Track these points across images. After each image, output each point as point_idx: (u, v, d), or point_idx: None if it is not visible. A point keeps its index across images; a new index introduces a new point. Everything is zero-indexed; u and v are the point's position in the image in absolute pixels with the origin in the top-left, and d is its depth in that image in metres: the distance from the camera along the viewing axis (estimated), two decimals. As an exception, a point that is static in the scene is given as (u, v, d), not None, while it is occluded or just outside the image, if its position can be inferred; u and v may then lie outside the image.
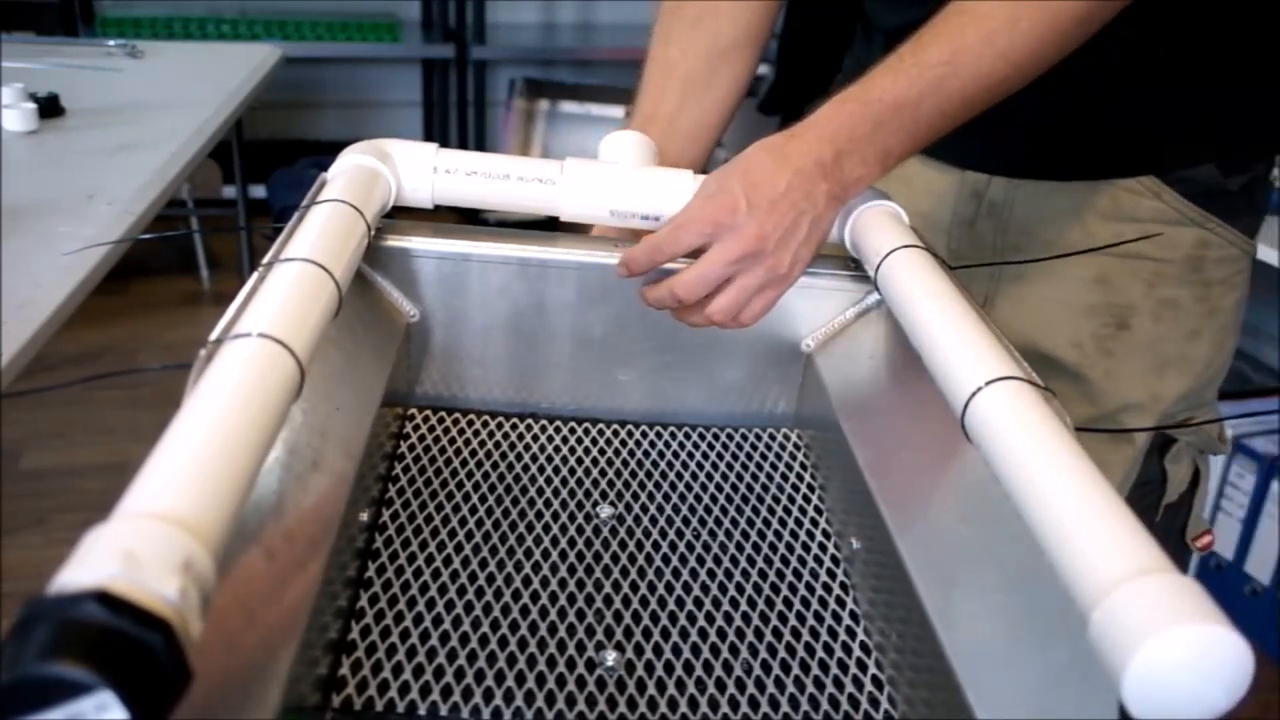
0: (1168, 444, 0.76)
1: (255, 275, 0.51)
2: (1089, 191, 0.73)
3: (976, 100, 0.60)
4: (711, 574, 0.58)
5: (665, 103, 0.79)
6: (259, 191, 2.38)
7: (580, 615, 0.54)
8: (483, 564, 0.57)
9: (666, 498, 0.65)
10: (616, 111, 2.84)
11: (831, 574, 0.59)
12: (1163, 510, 0.76)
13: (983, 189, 0.76)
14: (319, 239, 0.54)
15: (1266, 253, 1.44)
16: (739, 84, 0.83)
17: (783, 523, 0.63)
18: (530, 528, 0.60)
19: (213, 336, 0.45)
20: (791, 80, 1.01)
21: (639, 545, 0.60)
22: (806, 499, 0.66)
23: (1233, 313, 0.75)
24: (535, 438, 0.70)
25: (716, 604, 0.56)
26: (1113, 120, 0.71)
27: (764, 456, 0.70)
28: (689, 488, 0.66)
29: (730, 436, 0.71)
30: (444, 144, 0.67)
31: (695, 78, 0.81)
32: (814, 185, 0.60)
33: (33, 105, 1.20)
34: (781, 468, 0.69)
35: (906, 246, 0.60)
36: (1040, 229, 0.75)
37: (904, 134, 0.60)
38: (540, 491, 0.64)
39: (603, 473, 0.66)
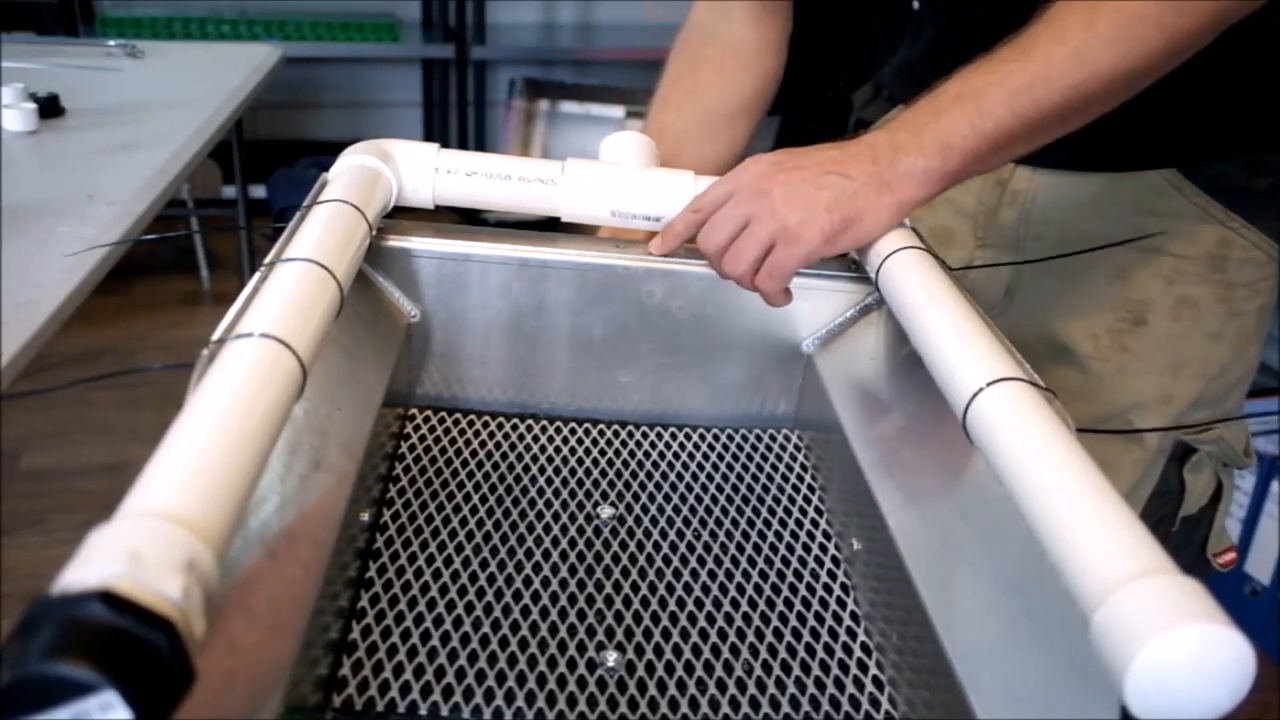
0: (1187, 454, 0.75)
1: (257, 275, 0.51)
2: (1111, 183, 0.73)
3: (1049, 105, 0.57)
4: (712, 574, 0.58)
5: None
6: (259, 191, 2.38)
7: (580, 615, 0.54)
8: (483, 564, 0.57)
9: (667, 498, 0.65)
10: (616, 111, 2.84)
11: (832, 574, 0.59)
12: (1179, 522, 0.75)
13: (1006, 177, 0.76)
14: (321, 239, 0.54)
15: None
16: (733, 149, 0.85)
17: (783, 523, 0.63)
18: (530, 528, 0.60)
19: (215, 336, 0.45)
20: (791, 80, 1.01)
21: (639, 545, 0.60)
22: (807, 500, 0.66)
23: (1256, 319, 0.74)
24: (535, 438, 0.70)
25: (717, 604, 0.56)
26: (1134, 111, 0.71)
27: (764, 457, 0.70)
28: (689, 488, 0.66)
29: (730, 437, 0.71)
30: (444, 144, 0.67)
31: (688, 139, 0.83)
32: (856, 163, 0.59)
33: (33, 105, 1.20)
34: (782, 468, 0.69)
35: (907, 248, 0.60)
36: (1062, 219, 0.75)
37: (966, 124, 0.57)
38: (540, 492, 0.64)
39: (603, 473, 0.67)
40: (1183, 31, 0.56)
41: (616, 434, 0.71)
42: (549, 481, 0.65)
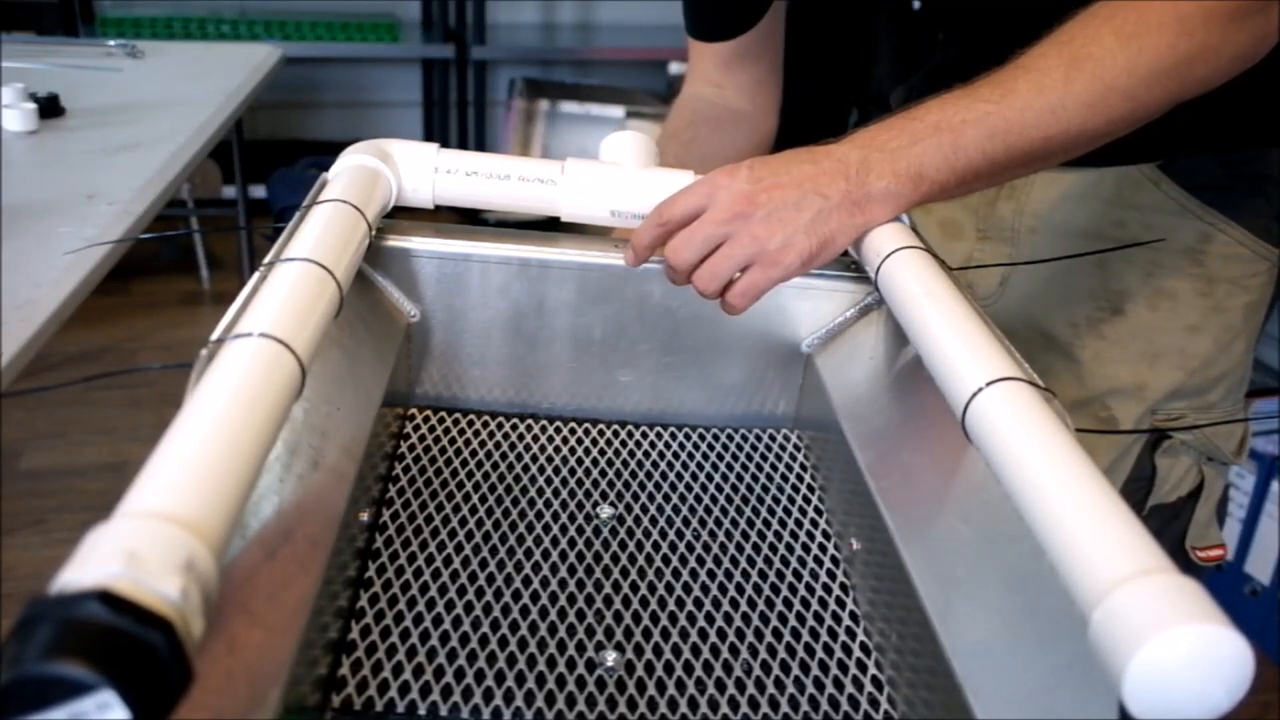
0: (1161, 439, 0.76)
1: (257, 275, 0.51)
2: (1096, 177, 0.74)
3: (1018, 152, 0.58)
4: (711, 574, 0.58)
5: None
6: (259, 191, 2.38)
7: (580, 615, 0.54)
8: (483, 564, 0.57)
9: (666, 498, 0.65)
10: (616, 111, 2.84)
11: (831, 574, 0.59)
12: (1152, 510, 0.76)
13: None
14: (320, 239, 0.54)
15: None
16: None
17: (783, 523, 0.63)
18: (530, 528, 0.60)
19: (214, 336, 0.45)
20: (790, 85, 1.02)
21: (639, 545, 0.60)
22: (806, 500, 0.66)
23: (1242, 314, 0.75)
24: (535, 438, 0.70)
25: (716, 604, 0.56)
26: None
27: (764, 457, 0.70)
28: (689, 488, 0.66)
29: (730, 437, 0.71)
30: (444, 144, 0.67)
31: None
32: (830, 180, 0.59)
33: (33, 105, 1.20)
34: (781, 468, 0.69)
35: (907, 248, 0.60)
36: (1052, 212, 0.76)
37: (940, 158, 0.58)
38: (540, 491, 0.64)
39: (603, 473, 0.67)
40: (1149, 104, 0.58)
41: (616, 434, 0.71)
42: (549, 481, 0.65)
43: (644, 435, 0.71)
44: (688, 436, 0.71)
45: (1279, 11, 0.57)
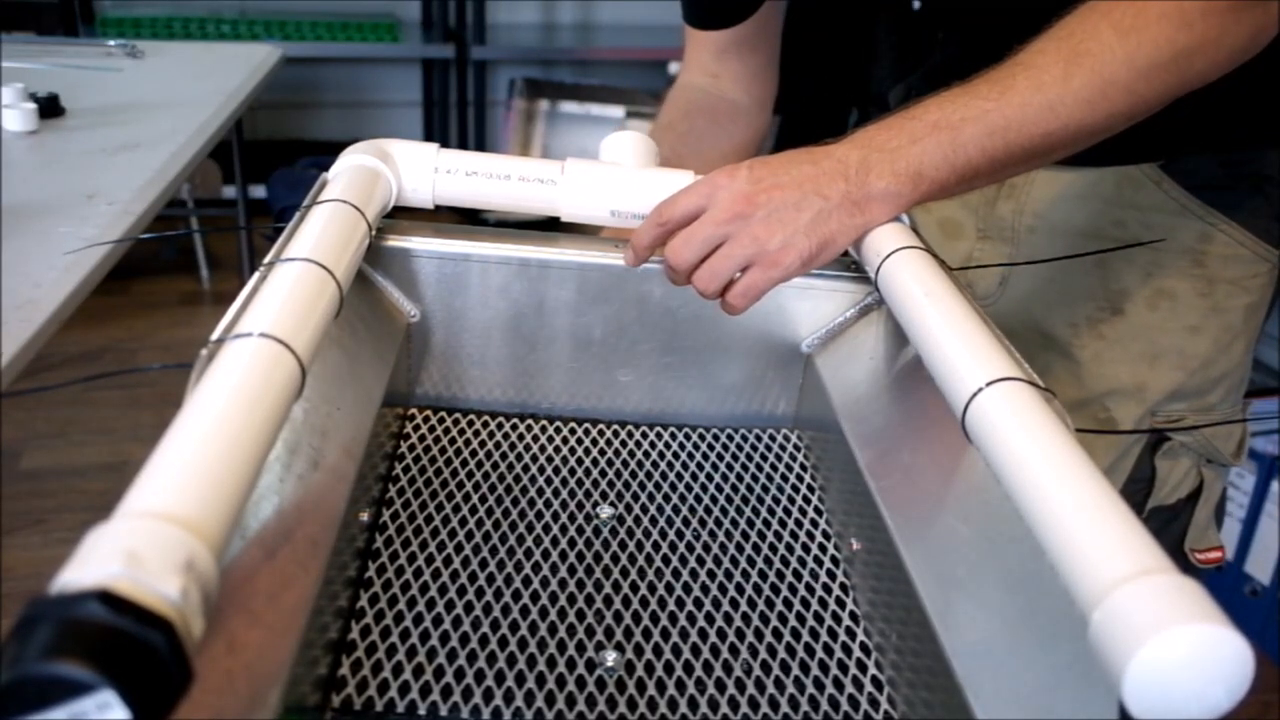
0: (1161, 441, 0.76)
1: (257, 275, 0.51)
2: (1096, 177, 0.74)
3: (1018, 149, 0.58)
4: (711, 574, 0.58)
5: None
6: (259, 191, 2.38)
7: (580, 615, 0.54)
8: (483, 564, 0.57)
9: (666, 498, 0.65)
10: (616, 111, 2.84)
11: (831, 574, 0.59)
12: (1152, 512, 0.76)
13: None
14: (320, 239, 0.54)
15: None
16: None
17: (783, 523, 0.63)
18: (530, 528, 0.60)
19: (214, 336, 0.45)
20: (792, 82, 1.02)
21: (639, 545, 0.60)
22: (806, 500, 0.66)
23: (1242, 315, 0.75)
24: (535, 438, 0.70)
25: (716, 604, 0.56)
26: None
27: (764, 457, 0.70)
28: (689, 488, 0.66)
29: (730, 437, 0.71)
30: (444, 144, 0.67)
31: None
32: (830, 181, 0.59)
33: (33, 105, 1.20)
34: (781, 468, 0.69)
35: (907, 248, 0.60)
36: (1052, 212, 0.76)
37: (940, 157, 0.58)
38: (540, 491, 0.64)
39: (603, 473, 0.67)
40: (1149, 99, 0.58)
41: (616, 434, 0.71)
42: (549, 481, 0.65)
43: (644, 435, 0.71)
44: (688, 436, 0.71)
45: (1278, 4, 0.57)
